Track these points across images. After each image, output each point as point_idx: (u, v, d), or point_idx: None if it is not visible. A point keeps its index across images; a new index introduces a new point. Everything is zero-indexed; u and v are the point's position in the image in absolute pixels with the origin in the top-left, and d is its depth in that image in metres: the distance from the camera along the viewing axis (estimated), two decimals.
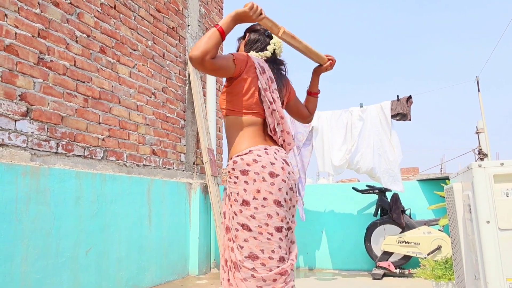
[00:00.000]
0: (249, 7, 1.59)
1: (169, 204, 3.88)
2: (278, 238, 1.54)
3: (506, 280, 1.41)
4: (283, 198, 1.57)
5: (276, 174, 1.56)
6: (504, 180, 1.45)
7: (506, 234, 1.42)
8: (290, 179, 1.61)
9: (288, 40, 1.74)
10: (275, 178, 1.55)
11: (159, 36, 4.11)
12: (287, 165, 1.63)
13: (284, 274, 1.54)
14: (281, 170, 1.58)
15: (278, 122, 1.66)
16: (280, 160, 1.60)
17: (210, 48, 1.50)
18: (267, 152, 1.60)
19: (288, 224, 1.61)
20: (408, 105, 4.20)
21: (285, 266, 1.54)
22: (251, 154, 1.58)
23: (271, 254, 1.52)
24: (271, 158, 1.58)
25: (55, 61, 2.90)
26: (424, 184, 4.39)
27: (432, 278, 2.57)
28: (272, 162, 1.57)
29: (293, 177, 1.64)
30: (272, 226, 1.53)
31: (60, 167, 2.83)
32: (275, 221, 1.54)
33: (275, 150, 1.63)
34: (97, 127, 3.23)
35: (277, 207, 1.54)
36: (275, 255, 1.53)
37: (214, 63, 1.53)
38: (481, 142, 8.19)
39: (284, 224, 1.57)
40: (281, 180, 1.56)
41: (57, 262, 2.66)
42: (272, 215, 1.53)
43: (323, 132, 4.42)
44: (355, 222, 4.46)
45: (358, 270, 4.32)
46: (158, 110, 4.00)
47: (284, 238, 1.57)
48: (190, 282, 3.77)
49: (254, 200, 1.54)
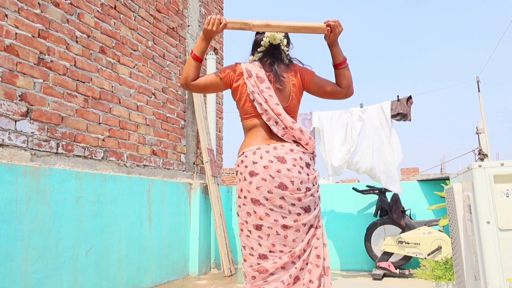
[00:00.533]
0: (206, 22, 1.72)
1: (169, 204, 3.88)
2: (257, 236, 1.58)
3: (506, 281, 1.41)
4: (263, 197, 1.59)
5: (255, 173, 1.61)
6: (504, 180, 1.45)
7: (506, 234, 1.42)
8: (277, 177, 1.59)
9: (265, 30, 1.74)
10: (254, 177, 1.61)
11: (159, 36, 4.11)
12: (280, 162, 1.61)
13: (263, 273, 1.55)
14: (263, 168, 1.60)
15: (276, 120, 1.67)
16: (266, 159, 1.61)
17: (188, 73, 1.73)
18: (255, 152, 1.65)
19: (279, 223, 1.58)
20: (408, 105, 4.20)
21: (266, 265, 1.56)
22: (242, 156, 1.69)
23: (251, 251, 1.60)
24: (255, 158, 1.63)
25: (55, 61, 2.90)
26: (424, 185, 4.39)
27: (432, 279, 2.57)
28: (255, 162, 1.62)
29: (286, 174, 1.59)
30: (250, 224, 1.61)
31: (60, 167, 2.83)
32: (253, 219, 1.60)
33: (269, 148, 1.65)
34: (97, 127, 3.23)
35: (254, 205, 1.60)
36: (254, 252, 1.58)
37: (198, 84, 1.74)
38: (481, 142, 8.19)
39: (265, 222, 1.58)
40: (260, 178, 1.60)
41: (57, 262, 2.66)
42: (250, 213, 1.61)
43: (324, 133, 4.43)
44: (355, 223, 4.46)
45: (358, 271, 4.31)
46: (158, 110, 4.00)
47: (265, 236, 1.57)
48: (190, 283, 3.77)
49: (238, 198, 1.67)
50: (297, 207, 1.60)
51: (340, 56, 1.78)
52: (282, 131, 1.68)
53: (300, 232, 1.60)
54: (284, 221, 1.58)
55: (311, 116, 4.51)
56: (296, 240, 1.59)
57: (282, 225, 1.58)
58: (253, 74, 1.72)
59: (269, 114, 1.67)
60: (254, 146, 1.67)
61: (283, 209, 1.59)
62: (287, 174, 1.60)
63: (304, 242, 1.60)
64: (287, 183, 1.59)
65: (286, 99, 1.75)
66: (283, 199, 1.59)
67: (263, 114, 1.68)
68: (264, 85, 1.70)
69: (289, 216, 1.59)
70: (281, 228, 1.58)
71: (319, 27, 1.71)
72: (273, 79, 1.74)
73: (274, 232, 1.58)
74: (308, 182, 1.64)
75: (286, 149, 1.65)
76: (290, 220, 1.59)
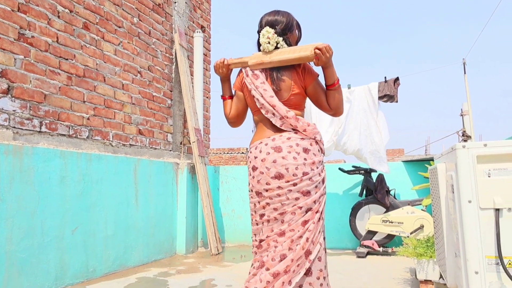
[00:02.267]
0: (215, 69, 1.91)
1: (156, 184, 3.87)
2: (262, 223, 1.74)
3: (485, 257, 1.45)
4: (263, 189, 1.71)
5: (256, 167, 1.74)
6: (487, 161, 1.48)
7: (486, 213, 1.46)
8: (273, 167, 1.69)
9: (259, 68, 1.81)
10: (255, 171, 1.75)
11: (145, 12, 4.01)
12: (276, 152, 1.69)
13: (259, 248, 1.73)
14: (261, 162, 1.73)
15: (272, 112, 1.74)
16: (264, 152, 1.73)
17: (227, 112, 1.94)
18: (257, 147, 1.77)
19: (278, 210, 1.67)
20: (396, 87, 4.22)
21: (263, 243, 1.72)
22: (248, 152, 1.84)
23: (255, 237, 1.77)
24: (256, 153, 1.76)
25: (36, 37, 2.80)
26: (409, 165, 4.46)
27: (414, 256, 2.64)
28: (256, 156, 1.76)
29: (281, 163, 1.67)
30: (257, 214, 1.75)
31: (44, 146, 2.78)
32: (258, 208, 1.74)
33: (268, 141, 1.75)
34: (81, 106, 3.16)
35: (258, 197, 1.73)
36: (257, 237, 1.75)
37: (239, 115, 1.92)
38: (466, 124, 8.32)
39: (266, 211, 1.71)
40: (259, 172, 1.73)
41: (43, 241, 2.65)
42: (256, 204, 1.75)
43: (311, 114, 4.43)
44: (341, 202, 4.53)
45: (343, 249, 4.41)
46: (144, 89, 3.94)
47: (266, 222, 1.72)
48: (177, 261, 3.80)
49: (249, 191, 1.82)
50: (294, 192, 1.67)
51: (331, 78, 1.75)
52: (279, 121, 1.74)
53: (295, 215, 1.66)
54: (282, 208, 1.67)
55: None
56: (291, 222, 1.66)
57: (280, 212, 1.67)
58: (249, 73, 1.81)
59: (266, 107, 1.74)
60: (257, 141, 1.78)
61: (281, 197, 1.67)
62: (281, 162, 1.68)
63: (297, 223, 1.66)
64: (282, 171, 1.67)
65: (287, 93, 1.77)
66: (280, 188, 1.67)
67: (261, 108, 1.76)
68: (259, 81, 1.78)
69: (287, 202, 1.67)
70: (279, 215, 1.68)
71: (306, 56, 1.71)
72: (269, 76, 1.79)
73: (272, 218, 1.69)
74: (305, 167, 1.68)
75: (283, 138, 1.72)
76: (289, 206, 1.67)
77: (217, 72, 1.92)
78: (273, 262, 1.65)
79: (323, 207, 1.73)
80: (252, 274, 1.71)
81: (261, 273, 1.66)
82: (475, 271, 1.45)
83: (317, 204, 1.70)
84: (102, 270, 3.15)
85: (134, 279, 3.07)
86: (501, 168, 1.47)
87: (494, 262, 1.44)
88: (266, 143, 1.74)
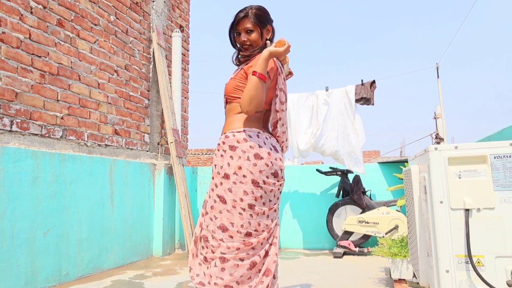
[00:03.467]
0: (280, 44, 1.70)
1: (132, 185, 3.81)
2: (249, 215, 1.66)
3: (455, 256, 1.50)
4: (262, 180, 1.67)
5: (261, 157, 1.68)
6: (458, 162, 1.53)
7: (457, 213, 1.51)
8: (275, 165, 1.72)
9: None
10: (258, 160, 1.67)
11: (122, 11, 3.94)
12: (276, 151, 1.75)
13: (248, 245, 1.66)
14: (267, 154, 1.70)
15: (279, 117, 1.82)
16: (268, 146, 1.73)
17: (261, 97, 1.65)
18: (258, 135, 1.73)
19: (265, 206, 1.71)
20: (372, 90, 4.30)
21: (252, 240, 1.66)
22: (242, 133, 1.71)
23: (240, 228, 1.65)
24: (260, 142, 1.71)
25: (7, 33, 2.71)
26: (384, 167, 4.55)
27: (389, 256, 2.70)
28: (260, 145, 1.70)
29: (279, 163, 1.74)
30: (246, 202, 1.65)
31: (15, 146, 2.69)
32: (249, 198, 1.66)
33: (267, 136, 1.77)
34: (55, 105, 3.08)
35: (254, 186, 1.66)
36: (243, 229, 1.65)
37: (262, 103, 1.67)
38: (439, 127, 8.55)
39: (258, 203, 1.67)
40: (264, 163, 1.68)
41: (13, 244, 2.56)
42: (248, 192, 1.65)
43: (290, 115, 4.46)
44: (318, 203, 4.58)
45: (320, 249, 4.46)
46: (121, 88, 3.87)
47: (255, 216, 1.67)
48: (154, 263, 3.75)
49: (234, 175, 1.66)
50: (278, 192, 1.77)
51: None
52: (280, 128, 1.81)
53: (276, 212, 1.78)
54: (269, 205, 1.72)
55: None
56: (273, 219, 1.76)
57: (268, 208, 1.72)
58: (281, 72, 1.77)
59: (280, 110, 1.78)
60: (255, 129, 1.74)
61: (270, 194, 1.72)
62: (279, 163, 1.74)
63: (276, 220, 1.78)
64: (278, 171, 1.74)
65: None
66: (274, 185, 1.73)
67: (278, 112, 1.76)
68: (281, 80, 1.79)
69: (273, 200, 1.74)
70: (267, 209, 1.72)
71: None
72: None
73: (261, 212, 1.69)
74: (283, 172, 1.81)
75: (274, 140, 1.79)
76: (272, 204, 1.75)
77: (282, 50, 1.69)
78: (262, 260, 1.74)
79: None
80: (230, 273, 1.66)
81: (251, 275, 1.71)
82: (446, 269, 1.49)
83: None
84: (76, 273, 3.07)
85: (109, 282, 3.01)
86: (471, 170, 1.52)
87: (464, 261, 1.49)
88: (266, 137, 1.76)
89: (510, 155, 1.48)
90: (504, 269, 1.45)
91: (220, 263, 1.64)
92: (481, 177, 1.50)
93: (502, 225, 1.47)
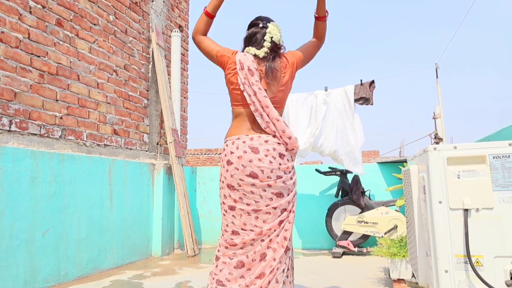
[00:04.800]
0: None
1: (131, 185, 3.81)
2: (232, 215, 1.77)
3: (454, 256, 1.50)
4: (236, 183, 1.76)
5: (231, 162, 1.77)
6: (457, 162, 1.53)
7: (456, 213, 1.51)
8: (250, 166, 1.74)
9: None
10: (229, 166, 1.78)
11: (121, 10, 3.94)
12: (253, 153, 1.74)
13: (234, 246, 1.73)
14: (237, 159, 1.75)
15: (261, 112, 1.77)
16: (241, 149, 1.76)
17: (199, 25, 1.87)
18: (234, 142, 1.79)
19: (251, 206, 1.73)
20: (371, 90, 4.30)
21: (236, 240, 1.73)
22: (224, 144, 1.84)
23: (226, 227, 1.79)
24: (233, 148, 1.78)
25: (6, 33, 2.71)
26: (383, 167, 4.56)
27: (388, 256, 2.70)
28: (232, 152, 1.77)
29: (257, 164, 1.73)
30: (226, 205, 1.79)
31: (14, 145, 2.69)
32: (228, 200, 1.78)
33: (246, 139, 1.78)
34: (54, 105, 3.08)
35: (230, 190, 1.77)
36: (229, 228, 1.77)
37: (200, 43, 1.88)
38: (438, 127, 8.55)
39: (238, 204, 1.75)
40: (234, 168, 1.76)
41: (12, 244, 2.56)
42: (226, 196, 1.79)
43: (289, 115, 4.46)
44: (317, 203, 4.58)
45: (319, 249, 4.46)
46: (120, 88, 3.87)
47: (238, 216, 1.75)
48: (153, 263, 3.75)
49: (220, 181, 1.85)
50: (268, 193, 1.74)
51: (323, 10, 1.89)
52: (265, 123, 1.78)
53: (271, 215, 1.73)
54: (256, 205, 1.73)
55: None
56: (267, 221, 1.73)
57: (253, 208, 1.73)
58: (245, 66, 1.80)
59: (256, 106, 1.77)
60: (235, 136, 1.81)
61: (255, 194, 1.73)
62: (257, 164, 1.73)
63: (274, 223, 1.73)
64: (257, 172, 1.73)
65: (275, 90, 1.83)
66: (254, 186, 1.73)
67: (251, 105, 1.78)
68: (254, 78, 1.78)
69: (261, 201, 1.74)
70: (252, 211, 1.73)
71: None
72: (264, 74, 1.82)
73: (245, 213, 1.73)
74: (279, 171, 1.75)
75: (261, 140, 1.77)
76: (262, 204, 1.73)
77: None
78: (254, 263, 1.71)
79: (295, 207, 1.83)
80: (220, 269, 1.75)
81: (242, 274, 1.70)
82: (445, 269, 1.50)
83: (291, 205, 1.79)
84: (75, 273, 3.07)
85: (108, 282, 3.01)
86: (469, 170, 1.52)
87: (462, 261, 1.49)
88: (244, 140, 1.77)
89: (509, 155, 1.48)
90: (503, 269, 1.45)
91: (215, 261, 1.80)
92: (480, 177, 1.50)
93: (501, 225, 1.47)
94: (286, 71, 1.85)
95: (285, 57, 1.88)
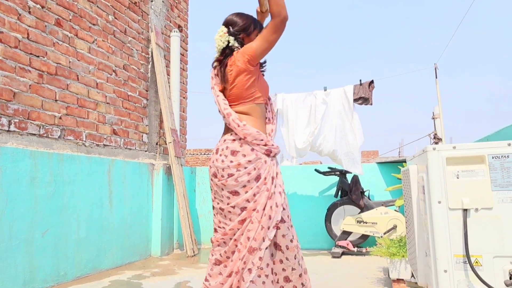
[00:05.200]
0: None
1: (130, 185, 3.80)
2: (214, 214, 1.87)
3: (453, 256, 1.50)
4: (211, 184, 1.87)
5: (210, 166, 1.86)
6: (456, 162, 1.53)
7: (455, 213, 1.51)
8: (212, 167, 1.82)
9: None
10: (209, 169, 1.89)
11: (121, 10, 3.93)
12: (214, 154, 1.84)
13: (213, 243, 1.81)
14: (210, 161, 1.86)
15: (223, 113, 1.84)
16: (214, 151, 1.85)
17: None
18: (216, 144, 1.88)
19: (219, 205, 1.80)
20: (370, 90, 4.30)
21: (214, 237, 1.82)
22: None
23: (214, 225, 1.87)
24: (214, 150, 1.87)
25: (5, 33, 2.71)
26: (383, 167, 4.56)
27: (387, 256, 2.70)
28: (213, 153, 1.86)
29: (215, 164, 1.79)
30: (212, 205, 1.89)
31: (13, 146, 2.68)
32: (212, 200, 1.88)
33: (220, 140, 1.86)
34: (53, 105, 3.08)
35: (211, 191, 1.88)
36: (215, 226, 1.85)
37: None
38: (437, 127, 8.55)
39: (214, 203, 1.85)
40: (208, 170, 1.87)
41: (11, 244, 2.56)
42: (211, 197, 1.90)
43: (288, 115, 4.46)
44: (317, 203, 4.58)
45: (319, 249, 4.46)
46: (119, 88, 3.87)
47: (217, 214, 1.84)
48: (152, 263, 3.75)
49: None
50: (225, 191, 1.76)
51: None
52: (226, 121, 1.82)
53: (231, 214, 1.75)
54: (221, 204, 1.79)
55: (275, 98, 4.52)
56: (231, 219, 1.76)
57: (220, 207, 1.79)
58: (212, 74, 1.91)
59: (219, 108, 1.85)
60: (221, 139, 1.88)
61: (218, 194, 1.81)
62: (215, 164, 1.80)
63: (234, 222, 1.72)
64: (216, 171, 1.80)
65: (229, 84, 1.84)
66: (216, 185, 1.80)
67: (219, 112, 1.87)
68: (213, 82, 1.88)
69: (223, 200, 1.78)
70: (219, 209, 1.80)
71: None
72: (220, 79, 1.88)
73: (219, 212, 1.81)
74: (230, 169, 1.74)
75: (221, 141, 1.84)
76: (224, 203, 1.78)
77: None
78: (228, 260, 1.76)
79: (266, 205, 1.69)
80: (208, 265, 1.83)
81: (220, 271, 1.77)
82: (444, 269, 1.50)
83: (252, 203, 1.69)
84: (74, 273, 3.06)
85: (108, 283, 3.01)
86: (468, 170, 1.52)
87: (462, 261, 1.49)
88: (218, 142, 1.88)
89: (508, 155, 1.48)
90: (502, 269, 1.46)
91: None
92: (479, 177, 1.50)
93: (500, 225, 1.47)
94: (233, 69, 1.80)
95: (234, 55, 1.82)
